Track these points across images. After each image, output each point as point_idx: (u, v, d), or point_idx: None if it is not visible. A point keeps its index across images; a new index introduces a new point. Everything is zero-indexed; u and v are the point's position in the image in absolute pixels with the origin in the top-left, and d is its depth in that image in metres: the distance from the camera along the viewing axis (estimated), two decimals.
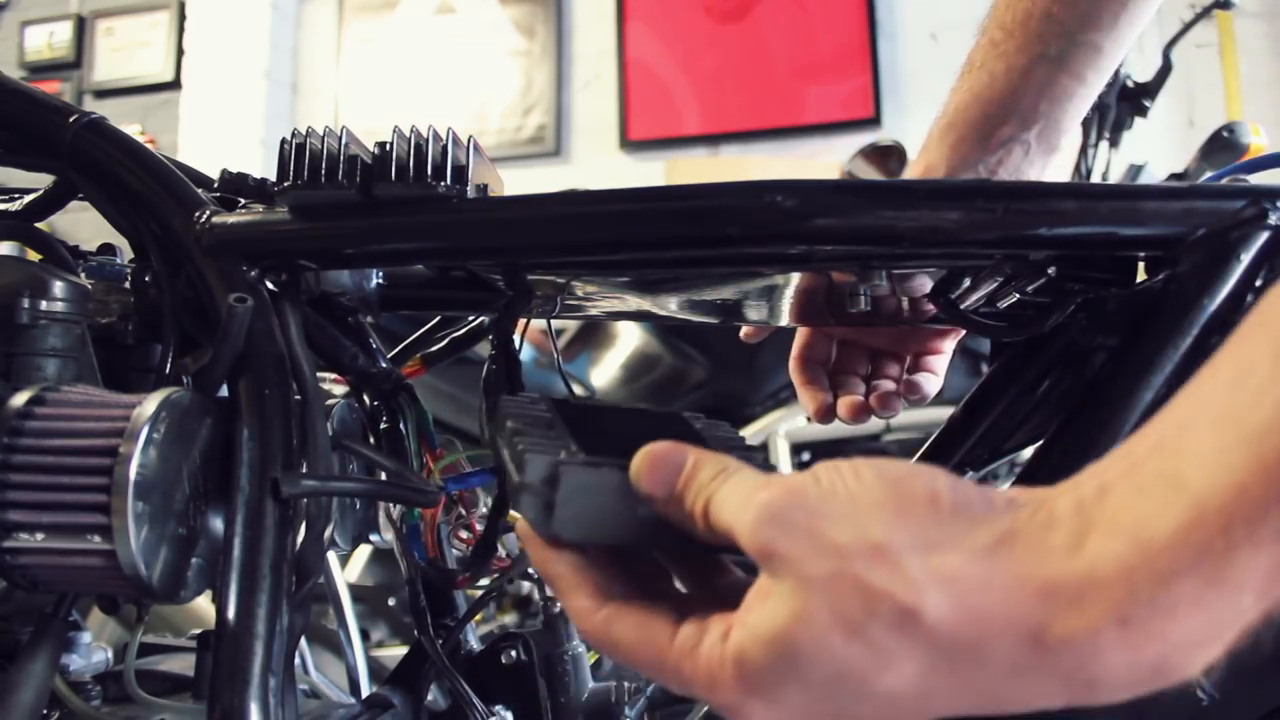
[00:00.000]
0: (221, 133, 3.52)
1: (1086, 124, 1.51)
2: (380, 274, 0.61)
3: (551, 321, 0.70)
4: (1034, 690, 0.30)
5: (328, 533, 0.52)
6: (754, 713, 0.32)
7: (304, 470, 0.49)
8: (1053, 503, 0.31)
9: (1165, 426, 0.30)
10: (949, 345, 0.76)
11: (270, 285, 0.53)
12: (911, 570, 0.30)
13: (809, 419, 0.76)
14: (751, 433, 1.98)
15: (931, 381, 0.75)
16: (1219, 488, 0.27)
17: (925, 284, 0.59)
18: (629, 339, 2.05)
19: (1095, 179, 1.52)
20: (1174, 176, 1.51)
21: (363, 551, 1.97)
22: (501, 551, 0.57)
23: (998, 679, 0.30)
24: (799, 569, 0.31)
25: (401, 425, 0.59)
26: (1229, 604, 0.28)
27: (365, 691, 0.71)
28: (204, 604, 1.28)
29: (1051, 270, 0.52)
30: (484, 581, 0.57)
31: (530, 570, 0.62)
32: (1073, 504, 0.31)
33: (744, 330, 0.75)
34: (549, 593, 0.67)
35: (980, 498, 0.32)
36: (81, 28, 3.91)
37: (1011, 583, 0.29)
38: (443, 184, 0.50)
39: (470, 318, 0.66)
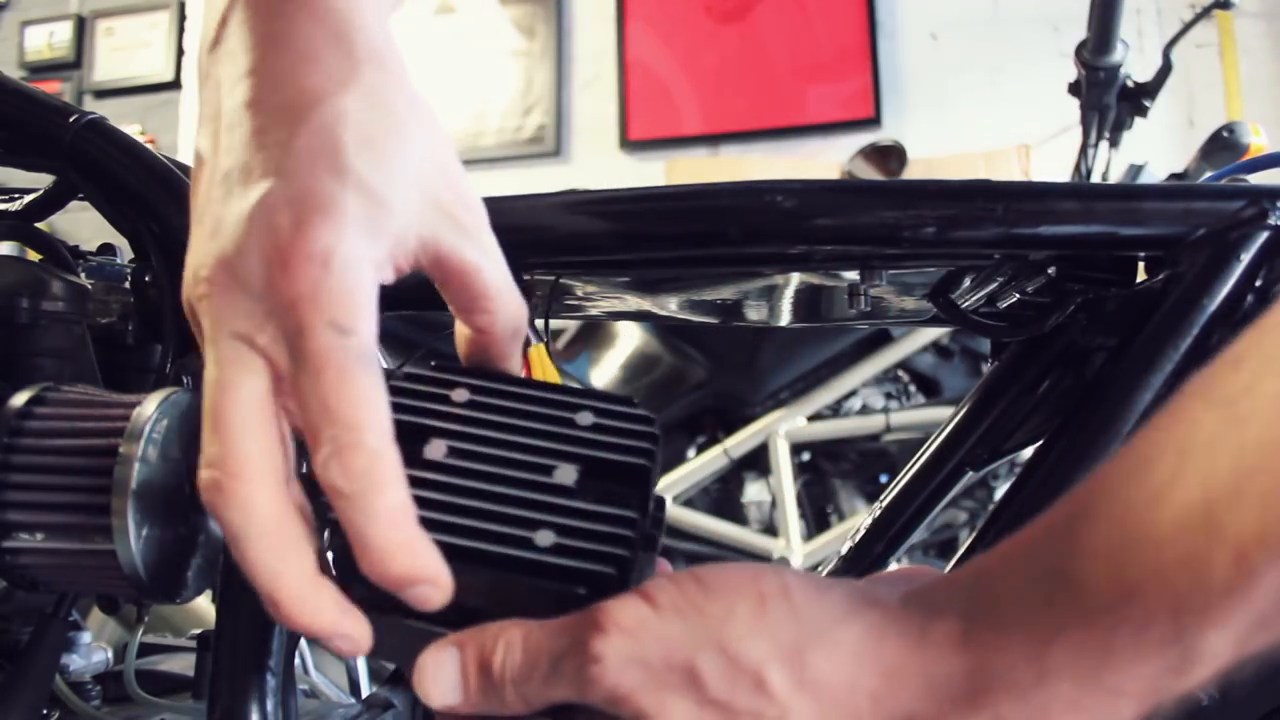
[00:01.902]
0: None
1: (1086, 124, 1.50)
2: None
3: (551, 321, 0.70)
4: None
5: (326, 533, 0.52)
6: None
7: (303, 465, 0.49)
8: (932, 593, 0.30)
9: (1060, 514, 0.28)
10: None
11: None
12: (773, 682, 0.28)
13: (809, 419, 0.76)
14: (751, 433, 1.98)
15: None
16: (1108, 591, 0.26)
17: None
18: (629, 339, 2.06)
19: (1095, 179, 1.52)
20: (1174, 176, 1.51)
21: None
22: None
23: None
24: (654, 700, 0.29)
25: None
26: (1106, 710, 0.26)
27: (365, 691, 0.71)
28: (204, 604, 1.28)
29: (1051, 270, 0.52)
30: None
31: None
32: (954, 594, 0.29)
33: None
34: None
35: (841, 591, 0.30)
36: (81, 28, 3.91)
37: (886, 682, 0.28)
38: None
39: None
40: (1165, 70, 1.47)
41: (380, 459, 0.31)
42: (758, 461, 2.02)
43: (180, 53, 3.75)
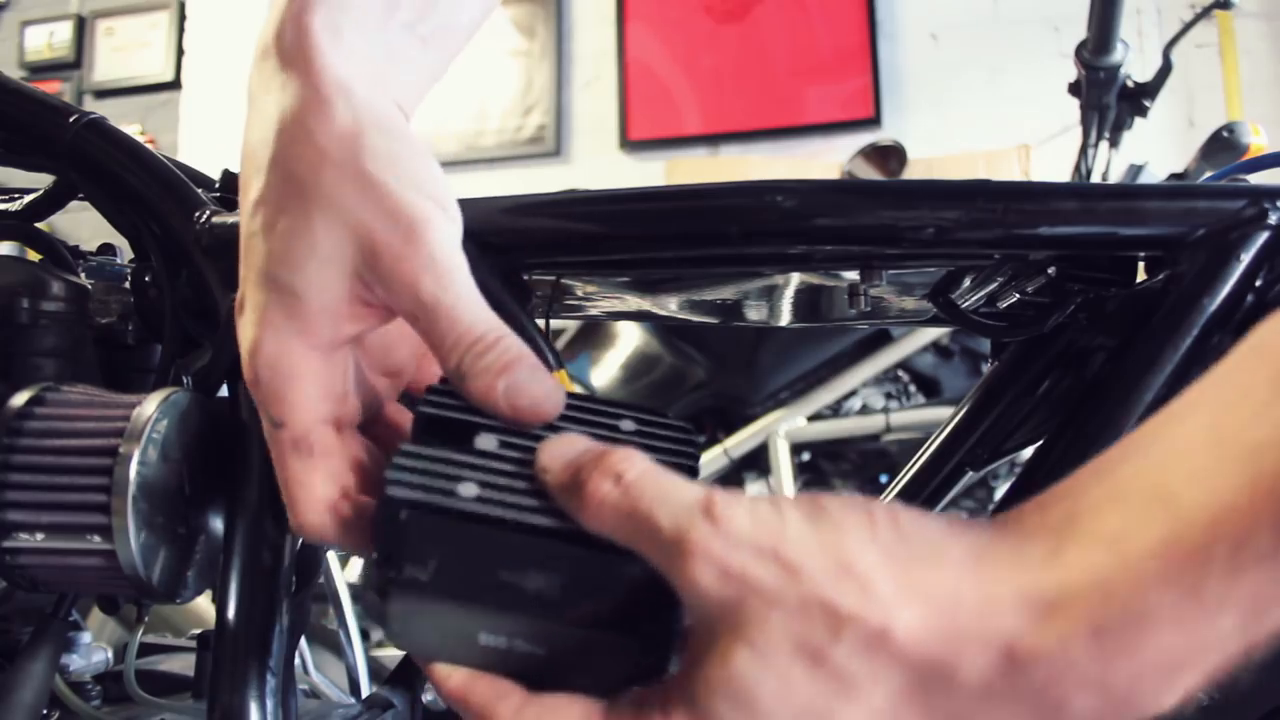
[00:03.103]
0: (221, 133, 3.52)
1: (1086, 124, 1.50)
2: None
3: (551, 321, 0.70)
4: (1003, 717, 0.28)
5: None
6: None
7: None
8: (1025, 519, 0.30)
9: (1146, 442, 0.29)
10: None
11: None
12: (880, 588, 0.28)
13: (809, 419, 0.76)
14: (751, 433, 1.98)
15: None
16: (1206, 504, 0.26)
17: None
18: (629, 339, 2.05)
19: (1095, 179, 1.52)
20: (1174, 176, 1.51)
21: None
22: None
23: (967, 704, 0.28)
24: (754, 592, 0.29)
25: None
26: (1208, 625, 0.26)
27: (365, 691, 0.71)
28: (204, 604, 1.28)
29: (1051, 270, 0.52)
30: None
31: None
32: (1047, 519, 0.30)
33: None
34: None
35: (941, 520, 0.31)
36: (81, 28, 3.91)
37: (985, 595, 0.28)
38: None
39: None
40: (1165, 70, 1.47)
41: (308, 529, 0.38)
42: (758, 461, 2.02)
43: (180, 53, 3.75)
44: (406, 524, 0.34)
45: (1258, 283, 0.47)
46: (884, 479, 2.03)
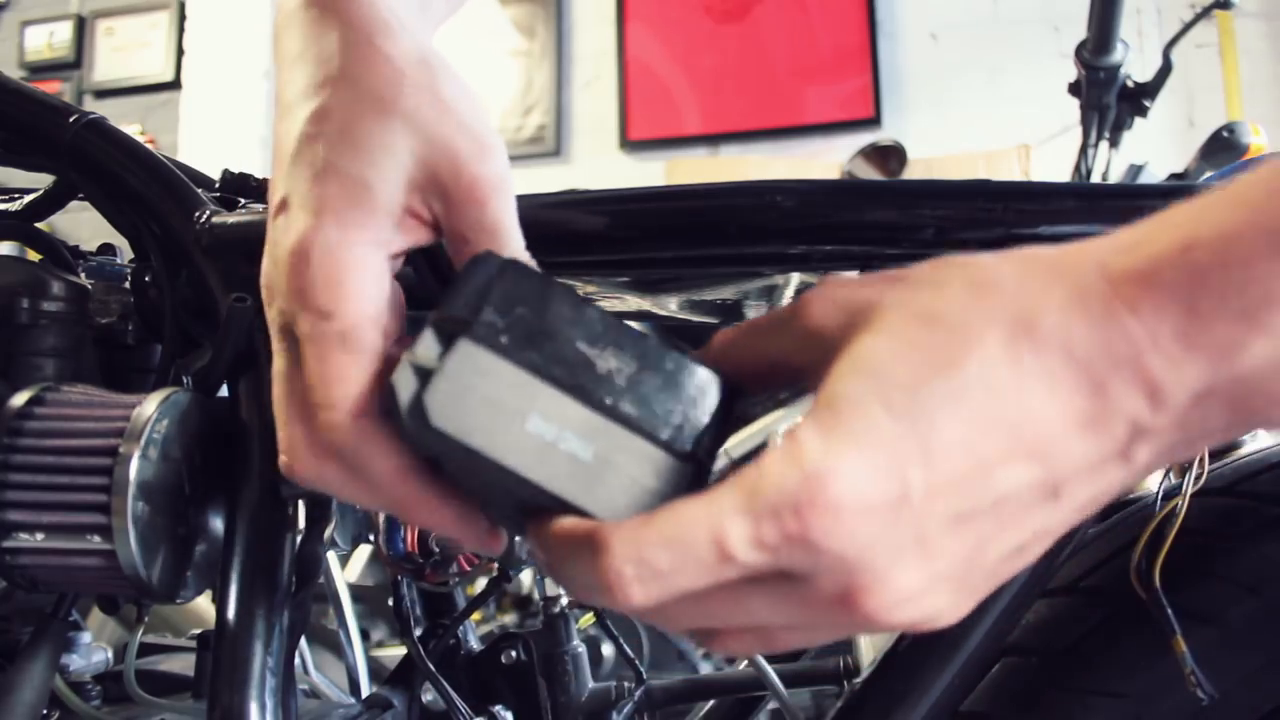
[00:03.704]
0: (221, 133, 3.52)
1: (1086, 124, 1.50)
2: None
3: None
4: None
5: (328, 533, 0.52)
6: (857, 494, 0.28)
7: None
8: (1091, 245, 0.32)
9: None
10: None
11: None
12: (982, 259, 0.32)
13: None
14: (751, 432, 1.98)
15: None
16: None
17: None
18: None
19: (1095, 179, 1.52)
20: (1174, 176, 1.51)
21: (363, 551, 1.97)
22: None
23: (1067, 341, 0.29)
24: (868, 299, 0.32)
25: None
26: None
27: (365, 691, 0.71)
28: (204, 604, 1.28)
29: None
30: (481, 581, 0.57)
31: (524, 558, 0.62)
32: (1114, 241, 0.31)
33: None
34: (549, 592, 0.67)
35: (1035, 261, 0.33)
36: (81, 28, 3.91)
37: (1084, 264, 0.30)
38: None
39: None
40: (1165, 70, 1.47)
41: (363, 436, 0.35)
42: None
43: (180, 53, 3.75)
44: (504, 269, 0.34)
45: None
46: None
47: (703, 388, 0.35)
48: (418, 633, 0.63)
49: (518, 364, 0.33)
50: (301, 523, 0.50)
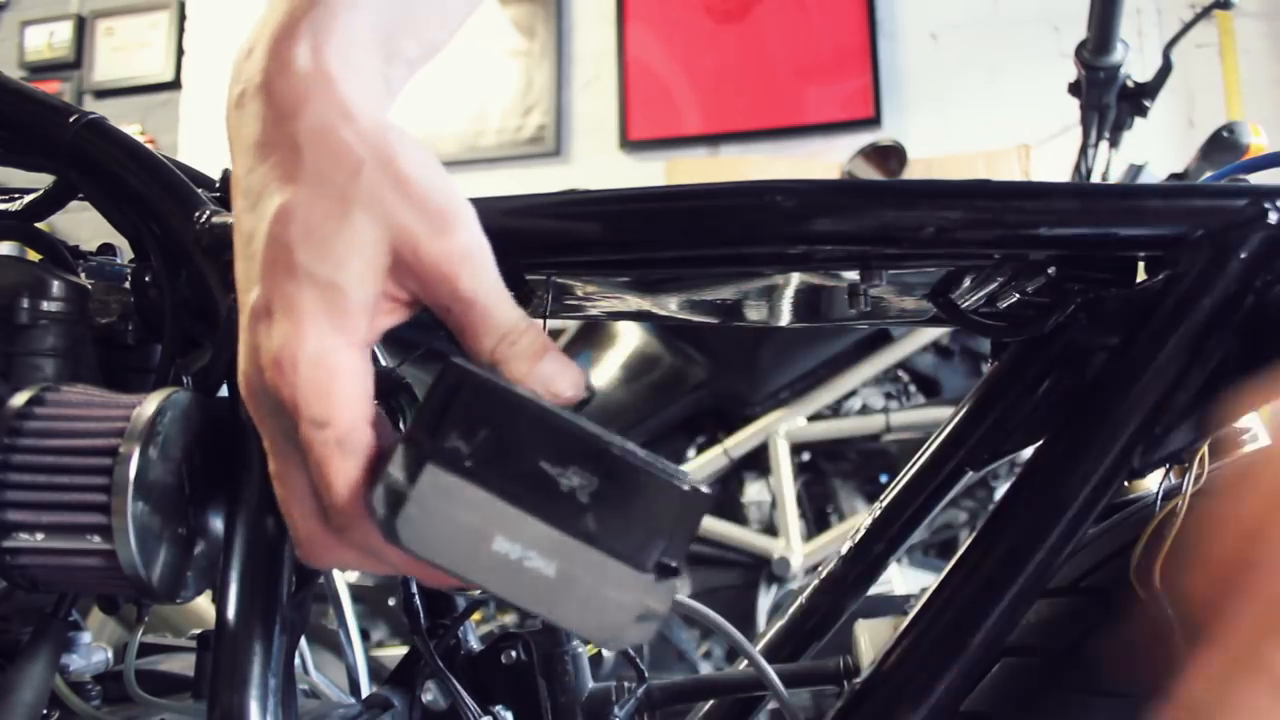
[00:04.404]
0: (221, 133, 3.52)
1: (1086, 124, 1.50)
2: None
3: (551, 321, 0.69)
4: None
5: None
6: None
7: None
8: None
9: None
10: None
11: None
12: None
13: (809, 419, 0.76)
14: (751, 433, 1.98)
15: None
16: None
17: None
18: (629, 339, 2.06)
19: (1095, 179, 1.52)
20: (1174, 176, 1.51)
21: None
22: None
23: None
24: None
25: (401, 425, 0.59)
26: None
27: (365, 691, 0.71)
28: (204, 604, 1.28)
29: (1051, 270, 0.52)
30: None
31: None
32: None
33: None
34: None
35: None
36: (81, 28, 3.91)
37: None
38: None
39: None
40: (1165, 70, 1.47)
41: (369, 529, 0.37)
42: (758, 461, 2.02)
43: (180, 53, 3.75)
44: (463, 391, 0.35)
45: (1257, 283, 0.47)
46: (884, 479, 2.03)
47: (665, 499, 0.35)
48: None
49: (482, 486, 0.34)
50: None
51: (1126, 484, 0.48)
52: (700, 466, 2.00)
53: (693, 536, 0.35)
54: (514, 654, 0.62)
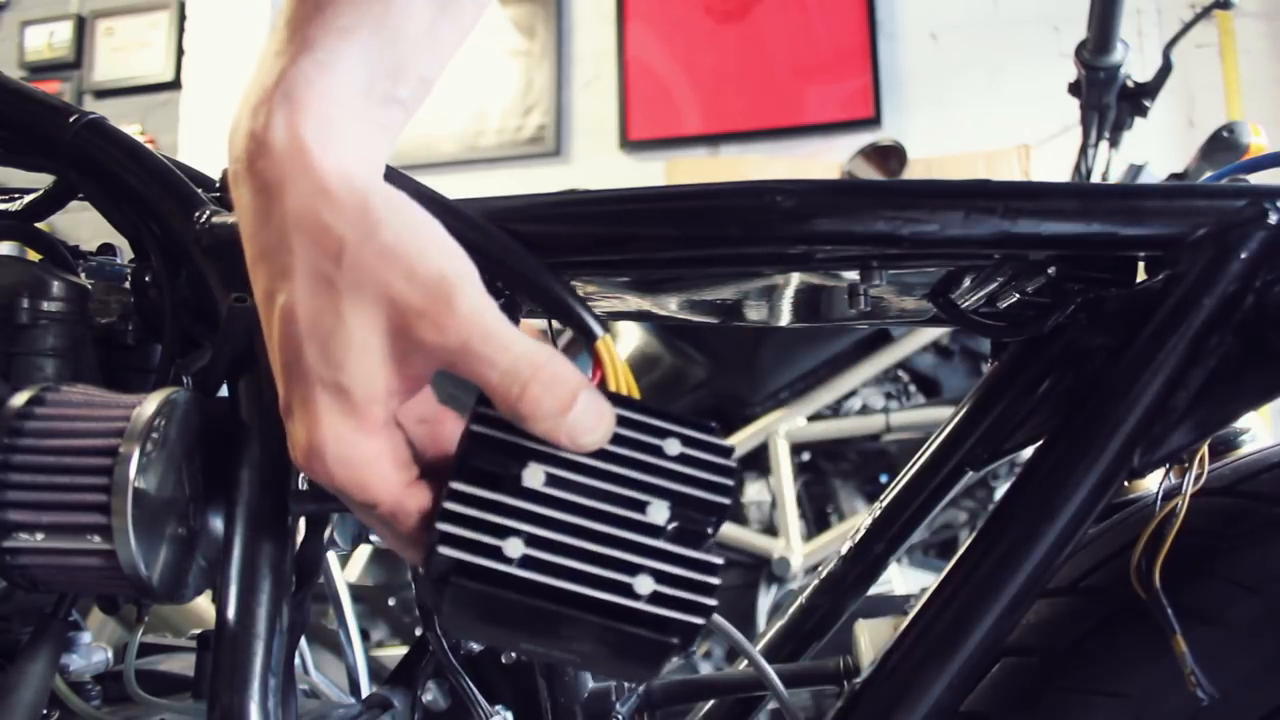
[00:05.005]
0: (221, 133, 3.51)
1: (1086, 124, 1.50)
2: None
3: (551, 321, 0.69)
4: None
5: (328, 533, 0.52)
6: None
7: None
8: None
9: None
10: None
11: None
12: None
13: (809, 419, 0.76)
14: (751, 433, 1.98)
15: None
16: None
17: None
18: (629, 339, 2.05)
19: (1095, 179, 1.52)
20: (1174, 176, 1.51)
21: (363, 551, 1.97)
22: None
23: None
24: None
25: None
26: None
27: (365, 691, 0.71)
28: (204, 604, 1.28)
29: (1051, 270, 0.52)
30: None
31: None
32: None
33: None
34: None
35: None
36: (81, 28, 3.91)
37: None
38: None
39: None
40: (1165, 70, 1.47)
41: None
42: (758, 461, 2.02)
43: (180, 53, 3.75)
44: (453, 586, 0.36)
45: (1257, 283, 0.47)
46: (884, 479, 2.03)
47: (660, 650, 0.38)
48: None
49: (493, 630, 0.38)
50: (301, 523, 0.50)
51: (1126, 484, 0.48)
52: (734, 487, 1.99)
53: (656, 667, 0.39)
54: (514, 654, 0.62)
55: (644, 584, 0.36)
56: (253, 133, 0.38)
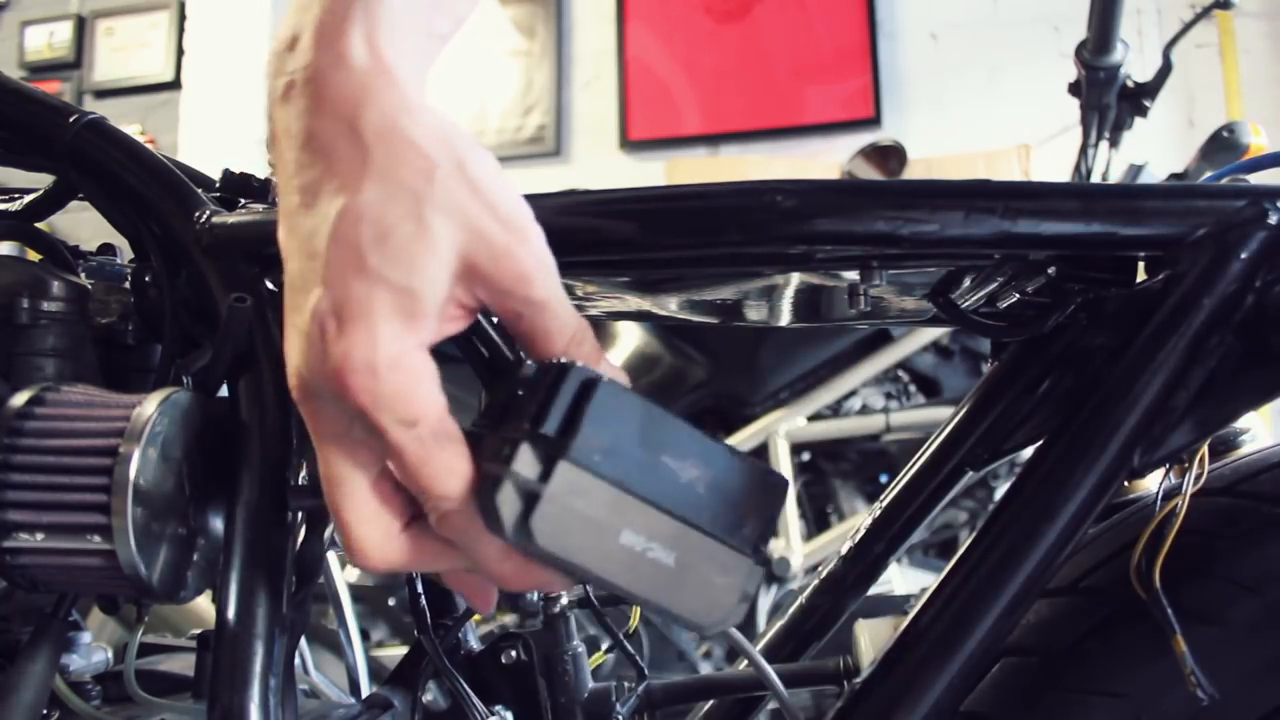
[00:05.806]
0: (221, 133, 3.52)
1: (1086, 124, 1.50)
2: None
3: None
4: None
5: (328, 533, 0.52)
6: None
7: (304, 469, 0.49)
8: None
9: None
10: None
11: (270, 285, 0.53)
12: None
13: (809, 419, 0.75)
14: (751, 433, 1.98)
15: None
16: None
17: None
18: (629, 339, 2.05)
19: (1095, 179, 1.52)
20: (1174, 176, 1.51)
21: None
22: None
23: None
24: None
25: None
26: None
27: (365, 691, 0.71)
28: (204, 604, 1.28)
29: (1051, 270, 0.52)
30: None
31: None
32: None
33: None
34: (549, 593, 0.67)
35: None
36: (81, 28, 3.91)
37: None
38: None
39: None
40: (1165, 70, 1.47)
41: (474, 519, 0.37)
42: None
43: (180, 53, 3.75)
44: (600, 391, 0.36)
45: (1257, 283, 0.47)
46: (884, 479, 2.03)
47: (759, 488, 0.40)
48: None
49: (612, 483, 0.36)
50: (302, 523, 0.50)
51: (1126, 484, 0.48)
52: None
53: (776, 521, 0.38)
54: (514, 654, 0.62)
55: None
56: (327, 44, 0.38)
